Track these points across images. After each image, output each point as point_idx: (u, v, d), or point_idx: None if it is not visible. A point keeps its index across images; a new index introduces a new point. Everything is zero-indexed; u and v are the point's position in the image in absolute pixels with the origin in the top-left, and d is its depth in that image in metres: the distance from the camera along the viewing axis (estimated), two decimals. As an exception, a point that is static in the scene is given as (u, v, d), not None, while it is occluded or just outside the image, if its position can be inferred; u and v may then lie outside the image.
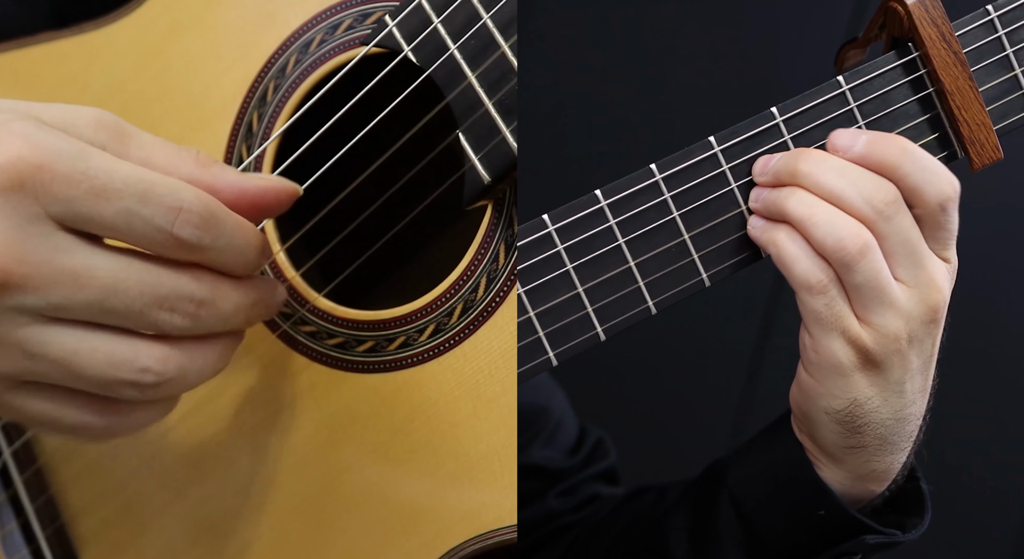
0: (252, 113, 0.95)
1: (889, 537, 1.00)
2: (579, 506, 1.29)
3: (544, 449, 1.30)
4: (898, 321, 0.89)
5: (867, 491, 0.99)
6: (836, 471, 0.97)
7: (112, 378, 0.77)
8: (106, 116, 0.78)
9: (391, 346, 0.90)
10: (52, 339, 0.76)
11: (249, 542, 0.95)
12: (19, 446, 1.04)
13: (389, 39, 0.88)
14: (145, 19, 0.98)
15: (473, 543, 0.88)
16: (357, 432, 0.91)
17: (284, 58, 0.94)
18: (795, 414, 0.98)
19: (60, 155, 0.73)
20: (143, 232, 0.75)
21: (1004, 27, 0.92)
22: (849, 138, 0.90)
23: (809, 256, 0.88)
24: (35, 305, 0.74)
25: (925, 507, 1.03)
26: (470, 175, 0.86)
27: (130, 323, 0.77)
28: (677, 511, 1.13)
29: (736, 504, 1.05)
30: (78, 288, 0.74)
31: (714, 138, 0.91)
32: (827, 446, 0.96)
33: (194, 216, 0.76)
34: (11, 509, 1.05)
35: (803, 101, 0.91)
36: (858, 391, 0.91)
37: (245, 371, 0.95)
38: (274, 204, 0.83)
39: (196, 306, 0.78)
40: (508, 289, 0.87)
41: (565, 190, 0.92)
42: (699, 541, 1.09)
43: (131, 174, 0.75)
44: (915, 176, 0.88)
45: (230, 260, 0.80)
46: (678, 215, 0.90)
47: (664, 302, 0.91)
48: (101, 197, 0.74)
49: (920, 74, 0.92)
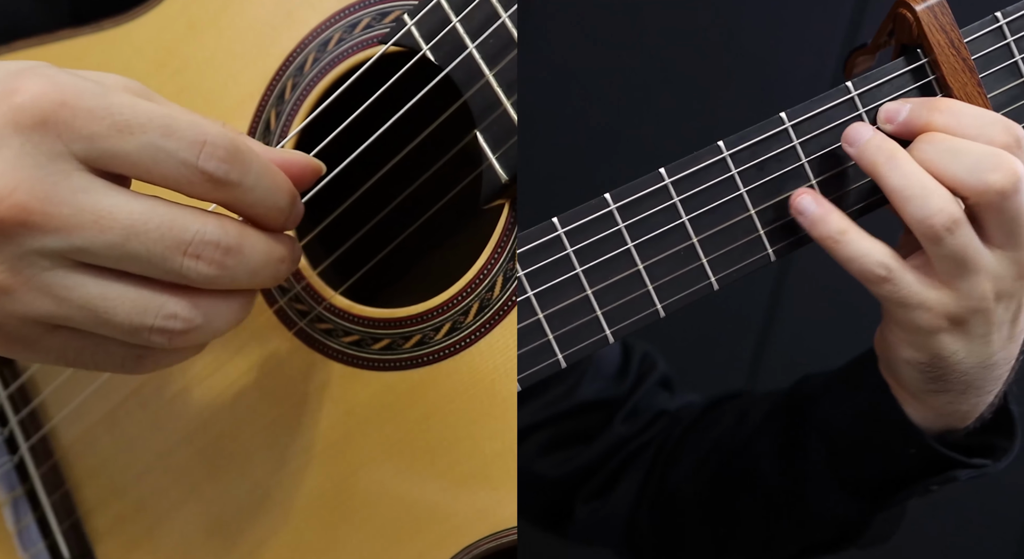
0: (270, 111, 0.95)
1: (980, 470, 1.02)
2: (647, 425, 1.31)
3: (593, 383, 1.32)
4: (986, 283, 0.89)
5: (952, 427, 1.00)
6: (919, 409, 0.99)
7: (140, 324, 0.76)
8: (132, 82, 0.78)
9: (407, 344, 0.90)
10: (78, 284, 0.75)
11: (263, 538, 0.95)
12: (36, 441, 1.04)
13: (407, 38, 0.88)
14: (163, 17, 0.99)
15: (487, 542, 0.88)
16: (372, 430, 0.91)
17: (302, 56, 0.94)
18: (879, 356, 1.00)
19: (82, 92, 0.73)
20: (168, 167, 0.74)
21: (1013, 34, 0.93)
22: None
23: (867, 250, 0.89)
24: (57, 247, 0.73)
25: (1015, 429, 1.05)
26: (487, 174, 0.86)
27: (154, 270, 0.76)
28: (762, 439, 1.16)
29: (825, 439, 1.08)
30: (99, 230, 0.73)
31: (723, 143, 0.91)
32: (909, 387, 0.98)
33: (220, 149, 0.75)
34: (28, 503, 1.05)
35: (812, 106, 0.92)
36: (941, 347, 0.92)
37: (261, 368, 0.95)
38: (297, 177, 0.83)
39: (223, 254, 0.77)
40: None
41: (570, 194, 0.93)
42: (790, 471, 1.12)
43: (153, 109, 0.74)
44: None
45: (259, 202, 0.79)
46: (687, 219, 0.91)
47: (672, 305, 0.91)
48: (124, 132, 0.73)
49: (929, 80, 0.93)
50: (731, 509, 1.20)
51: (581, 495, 1.31)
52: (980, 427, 1.02)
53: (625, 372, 1.34)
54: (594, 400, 1.31)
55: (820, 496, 1.10)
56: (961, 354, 0.93)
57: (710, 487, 1.22)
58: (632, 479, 1.28)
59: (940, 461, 1.01)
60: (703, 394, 1.33)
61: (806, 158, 0.92)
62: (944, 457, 1.01)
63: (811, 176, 0.92)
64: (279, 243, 0.81)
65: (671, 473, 1.26)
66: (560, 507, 1.32)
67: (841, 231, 0.90)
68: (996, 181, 0.86)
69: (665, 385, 1.36)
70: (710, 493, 1.22)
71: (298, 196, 0.83)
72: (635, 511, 1.28)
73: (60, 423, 1.03)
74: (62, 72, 0.74)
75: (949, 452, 1.00)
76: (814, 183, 0.92)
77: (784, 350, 2.02)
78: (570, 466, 1.30)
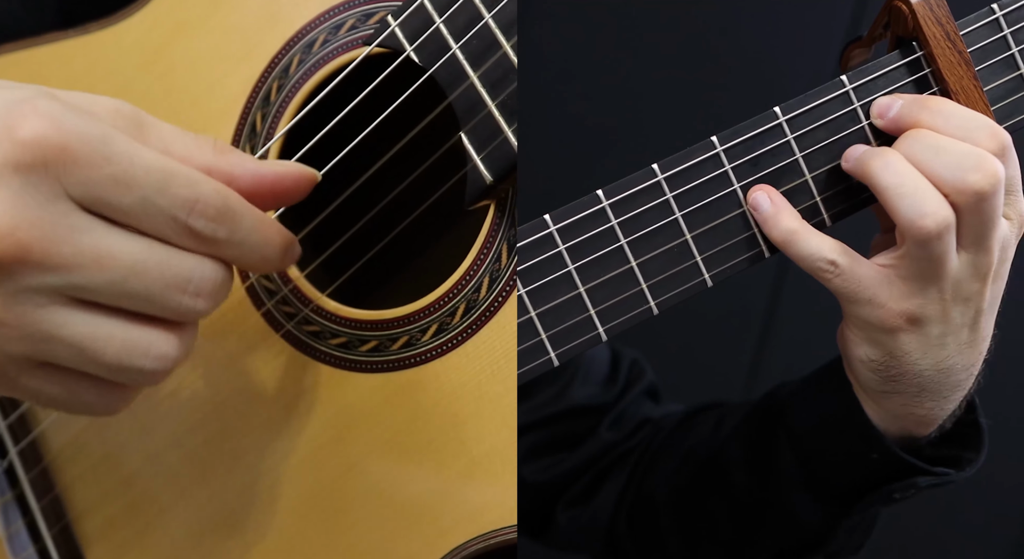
0: (256, 113, 0.95)
1: (941, 478, 1.02)
2: (632, 432, 1.32)
3: (583, 387, 1.32)
4: (945, 283, 0.89)
5: (909, 431, 1.00)
6: (877, 411, 0.99)
7: (127, 365, 0.77)
8: (125, 106, 0.78)
9: (394, 346, 0.90)
10: (69, 321, 0.75)
11: (253, 541, 0.95)
12: (25, 445, 1.04)
13: (392, 39, 0.88)
14: (150, 19, 0.98)
15: (476, 543, 0.88)
16: (360, 432, 0.91)
17: (287, 58, 0.94)
18: (842, 356, 1.00)
19: (84, 138, 0.73)
20: (158, 221, 0.75)
21: (1009, 26, 0.92)
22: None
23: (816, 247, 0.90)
24: (55, 284, 0.74)
25: (982, 442, 1.05)
26: (472, 175, 0.86)
27: (151, 307, 0.77)
28: (734, 444, 1.16)
29: (793, 442, 1.08)
30: (99, 269, 0.74)
31: (716, 138, 0.91)
32: (865, 388, 0.98)
33: (210, 209, 0.76)
34: (17, 508, 1.05)
35: (806, 101, 0.91)
36: (895, 345, 0.92)
37: (249, 371, 0.95)
38: (293, 190, 0.83)
39: (218, 287, 0.78)
40: (511, 289, 0.87)
41: (566, 190, 0.92)
42: (760, 476, 1.13)
43: (153, 163, 0.75)
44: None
45: (248, 256, 0.80)
46: (680, 216, 0.90)
47: (666, 302, 0.91)
48: (121, 184, 0.74)
49: (924, 73, 0.91)
50: (705, 515, 1.20)
51: (562, 501, 1.31)
52: (945, 438, 1.02)
53: (614, 379, 1.34)
54: (582, 406, 1.31)
55: (789, 502, 1.10)
56: (915, 355, 0.93)
57: (684, 494, 1.22)
58: (612, 486, 1.28)
59: (901, 467, 1.01)
60: (691, 403, 1.33)
61: (801, 153, 0.91)
62: (905, 463, 1.00)
63: (806, 171, 0.91)
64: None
65: (648, 480, 1.26)
66: (542, 513, 1.32)
67: (791, 231, 0.90)
68: (976, 181, 0.86)
69: (652, 394, 1.36)
70: (684, 500, 1.22)
71: (294, 241, 0.84)
72: (615, 518, 1.28)
73: (49, 427, 1.04)
74: (65, 110, 0.74)
75: (910, 458, 1.00)
76: (808, 178, 0.91)
77: (783, 356, 2.02)
78: (554, 472, 1.30)
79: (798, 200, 0.92)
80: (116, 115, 0.77)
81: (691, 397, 1.33)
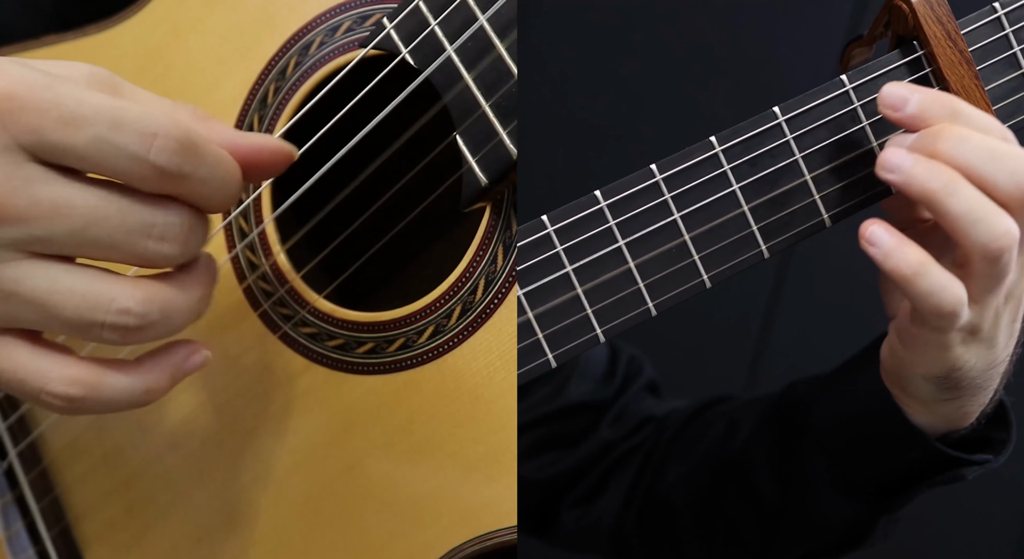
0: (253, 115, 0.95)
1: (983, 466, 1.02)
2: (634, 430, 1.31)
3: (580, 385, 1.31)
4: (1002, 291, 0.87)
5: (955, 426, 1.00)
6: (927, 415, 0.98)
7: (89, 320, 0.75)
8: (99, 71, 0.77)
9: (391, 348, 0.90)
10: (27, 276, 0.74)
11: (250, 543, 0.96)
12: (25, 447, 1.05)
13: (387, 41, 0.88)
14: (147, 22, 0.99)
15: (472, 544, 0.88)
16: (357, 434, 0.91)
17: (284, 60, 0.94)
18: (885, 369, 0.97)
19: (30, 84, 0.72)
20: (117, 161, 0.73)
21: (1011, 25, 0.90)
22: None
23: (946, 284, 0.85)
24: (13, 237, 0.73)
25: (1009, 421, 1.04)
26: (467, 177, 0.86)
27: (116, 254, 0.75)
28: (756, 447, 1.16)
29: (823, 446, 1.07)
30: (58, 219, 0.73)
31: (715, 138, 0.90)
32: (922, 398, 0.96)
33: (171, 141, 0.73)
34: (17, 510, 1.06)
35: (806, 100, 0.90)
36: (956, 358, 0.90)
37: (246, 373, 0.95)
38: (269, 163, 0.82)
39: (186, 232, 0.76)
40: (507, 291, 0.87)
41: (564, 190, 0.92)
42: (785, 476, 1.12)
43: (102, 102, 0.73)
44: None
45: (211, 192, 0.77)
46: (679, 216, 0.90)
47: (664, 303, 0.90)
48: (71, 124, 0.72)
49: (925, 73, 0.90)
50: (728, 519, 1.19)
51: (566, 501, 1.31)
52: (979, 422, 1.01)
53: (612, 375, 1.33)
54: (580, 403, 1.30)
55: (821, 503, 1.09)
56: (972, 361, 0.91)
57: (704, 497, 1.21)
58: (618, 487, 1.28)
59: (945, 462, 1.00)
60: (695, 398, 1.32)
61: (800, 153, 0.91)
62: (949, 457, 0.99)
63: (805, 172, 0.91)
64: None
65: (660, 482, 1.25)
66: (544, 511, 1.32)
67: (921, 263, 0.84)
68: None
69: (652, 389, 1.35)
70: (704, 503, 1.21)
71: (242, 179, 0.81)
72: (622, 519, 1.27)
73: (48, 429, 1.04)
74: (13, 63, 0.73)
75: (957, 453, 0.99)
76: (808, 179, 0.90)
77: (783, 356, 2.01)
78: (554, 470, 1.30)
79: (797, 200, 0.91)
80: (91, 78, 0.76)
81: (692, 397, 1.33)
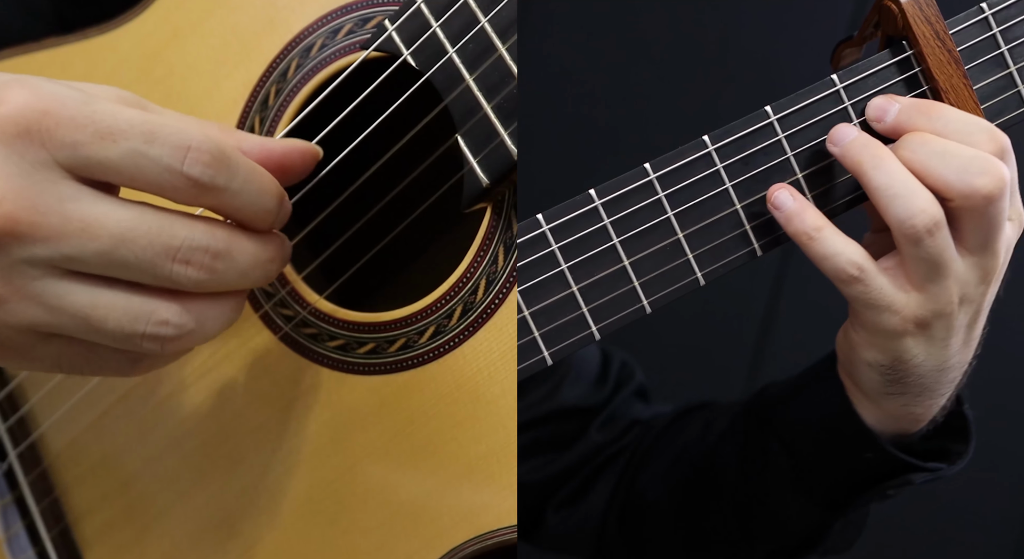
0: (254, 117, 0.95)
1: (934, 474, 1.03)
2: (622, 433, 1.32)
3: (573, 388, 1.32)
4: (954, 287, 0.90)
5: (904, 430, 1.01)
6: (874, 412, 1.00)
7: (132, 331, 0.77)
8: (126, 94, 0.79)
9: (392, 348, 0.91)
10: (68, 292, 0.75)
11: (252, 543, 0.96)
12: (24, 448, 1.05)
13: (388, 43, 0.88)
14: (148, 24, 0.99)
15: (473, 543, 0.88)
16: (358, 434, 0.92)
17: (285, 63, 0.95)
18: (839, 356, 1.00)
19: (65, 101, 0.73)
20: (153, 174, 0.75)
21: (999, 25, 0.92)
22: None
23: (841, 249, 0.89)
24: (46, 256, 0.74)
25: (969, 434, 1.05)
26: (469, 178, 0.86)
27: (144, 276, 0.76)
28: (726, 446, 1.17)
29: (785, 445, 1.08)
30: (88, 238, 0.74)
31: (708, 137, 0.91)
32: (867, 390, 0.98)
33: (204, 154, 0.75)
34: (17, 511, 1.05)
35: (797, 100, 0.92)
36: (903, 349, 0.92)
37: (246, 372, 0.95)
38: (300, 164, 0.84)
39: (212, 258, 0.77)
40: (507, 291, 0.88)
41: (560, 189, 0.93)
42: (752, 478, 1.13)
43: (136, 116, 0.75)
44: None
45: (247, 206, 0.79)
46: (672, 214, 0.90)
47: (659, 301, 0.91)
48: (107, 139, 0.73)
49: (914, 72, 0.92)
50: (698, 517, 1.20)
51: (552, 502, 1.31)
52: (933, 431, 1.03)
53: (604, 379, 1.34)
54: (573, 407, 1.31)
55: (782, 502, 1.10)
56: (921, 357, 0.93)
57: (677, 495, 1.22)
58: (603, 488, 1.29)
59: (896, 465, 1.02)
60: (680, 402, 1.33)
61: (792, 152, 0.92)
62: (900, 461, 1.01)
63: (797, 170, 0.92)
64: (268, 243, 0.82)
65: (638, 483, 1.26)
66: (532, 513, 1.32)
67: (816, 228, 0.89)
68: (984, 185, 0.86)
69: (642, 395, 1.36)
70: (677, 501, 1.22)
71: (286, 196, 0.83)
72: (605, 519, 1.28)
73: (48, 430, 1.04)
74: (47, 82, 0.74)
75: (905, 456, 1.01)
76: (800, 177, 0.92)
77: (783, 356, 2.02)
78: (545, 472, 1.30)
79: (790, 199, 0.92)
80: (119, 99, 0.78)
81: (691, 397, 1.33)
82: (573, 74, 1.98)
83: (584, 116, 2.00)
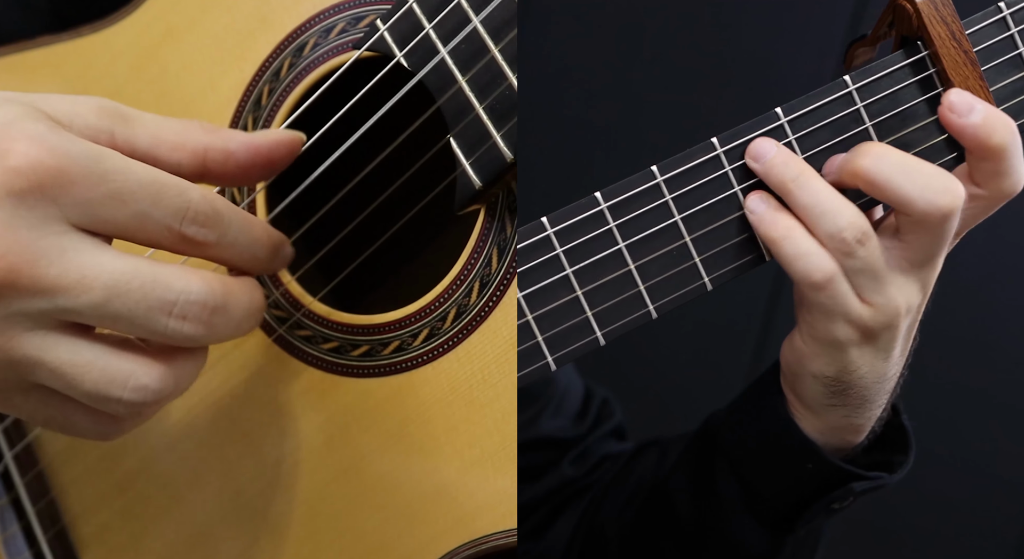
0: (247, 117, 0.95)
1: (875, 482, 1.02)
2: (592, 469, 1.31)
3: (553, 419, 1.31)
4: (900, 299, 0.89)
5: (846, 441, 1.01)
6: (815, 423, 0.99)
7: (104, 394, 0.77)
8: (106, 102, 0.80)
9: (386, 350, 0.90)
10: (52, 346, 0.76)
11: (246, 546, 0.96)
12: (20, 449, 1.05)
13: (381, 43, 0.87)
14: (142, 23, 0.98)
15: (468, 548, 0.88)
16: (352, 437, 0.91)
17: (278, 62, 0.94)
18: (783, 368, 0.99)
19: (77, 158, 0.74)
20: (153, 232, 0.77)
21: (1016, 25, 0.89)
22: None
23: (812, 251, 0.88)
24: (43, 308, 0.74)
25: (909, 443, 1.05)
26: (461, 180, 0.85)
27: (138, 330, 0.77)
28: (678, 473, 1.16)
29: (732, 465, 1.08)
30: (82, 290, 0.74)
31: (717, 139, 0.89)
32: (809, 402, 0.97)
33: (200, 215, 0.78)
34: (13, 512, 1.06)
35: (808, 101, 0.89)
36: (849, 361, 0.92)
37: (241, 376, 0.95)
38: (286, 154, 0.86)
39: (210, 313, 0.78)
40: (501, 294, 0.87)
41: (565, 192, 0.92)
42: (702, 502, 1.12)
43: (145, 176, 0.76)
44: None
45: (239, 256, 0.81)
46: (680, 218, 0.89)
47: (665, 306, 0.90)
48: (117, 200, 0.75)
49: (929, 73, 0.89)
50: (654, 546, 1.19)
51: (518, 534, 1.30)
52: (873, 442, 1.02)
53: (584, 415, 1.33)
54: (549, 437, 1.30)
55: (732, 526, 1.09)
56: (865, 369, 0.93)
57: (633, 525, 1.21)
58: (566, 522, 1.28)
59: (836, 474, 1.01)
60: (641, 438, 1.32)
61: (803, 155, 0.89)
62: (839, 470, 1.00)
63: (807, 173, 0.90)
64: (257, 290, 0.83)
65: (598, 516, 1.25)
66: None
67: (788, 228, 0.88)
68: (946, 203, 0.85)
69: (619, 435, 1.35)
70: (633, 531, 1.21)
71: (285, 242, 0.86)
72: (567, 554, 1.27)
73: (44, 431, 1.04)
74: (53, 132, 0.74)
75: (841, 463, 1.00)
76: (810, 181, 0.90)
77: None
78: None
79: (798, 203, 0.90)
80: (100, 112, 0.79)
81: (691, 402, 1.32)
82: (572, 74, 1.97)
83: (583, 116, 1.99)
